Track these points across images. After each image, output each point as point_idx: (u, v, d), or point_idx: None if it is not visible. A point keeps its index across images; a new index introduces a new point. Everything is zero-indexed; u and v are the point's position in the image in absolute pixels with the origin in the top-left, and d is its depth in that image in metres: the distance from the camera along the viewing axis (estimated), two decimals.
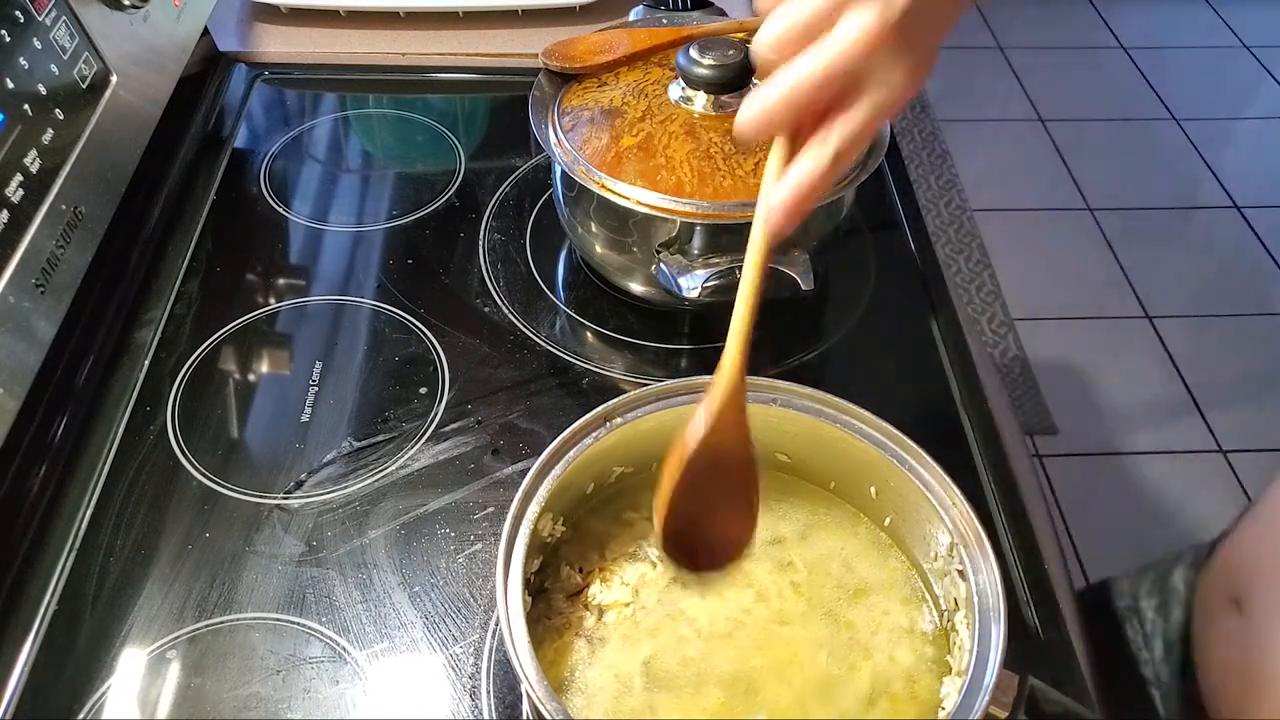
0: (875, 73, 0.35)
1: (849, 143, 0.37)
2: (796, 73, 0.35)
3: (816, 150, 0.37)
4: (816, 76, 0.35)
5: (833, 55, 0.35)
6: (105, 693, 0.50)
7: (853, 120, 0.36)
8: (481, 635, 0.52)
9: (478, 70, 0.90)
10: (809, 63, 0.35)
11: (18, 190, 0.53)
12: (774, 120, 0.37)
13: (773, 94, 0.36)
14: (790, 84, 0.36)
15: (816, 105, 0.36)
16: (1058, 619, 0.54)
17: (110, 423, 0.62)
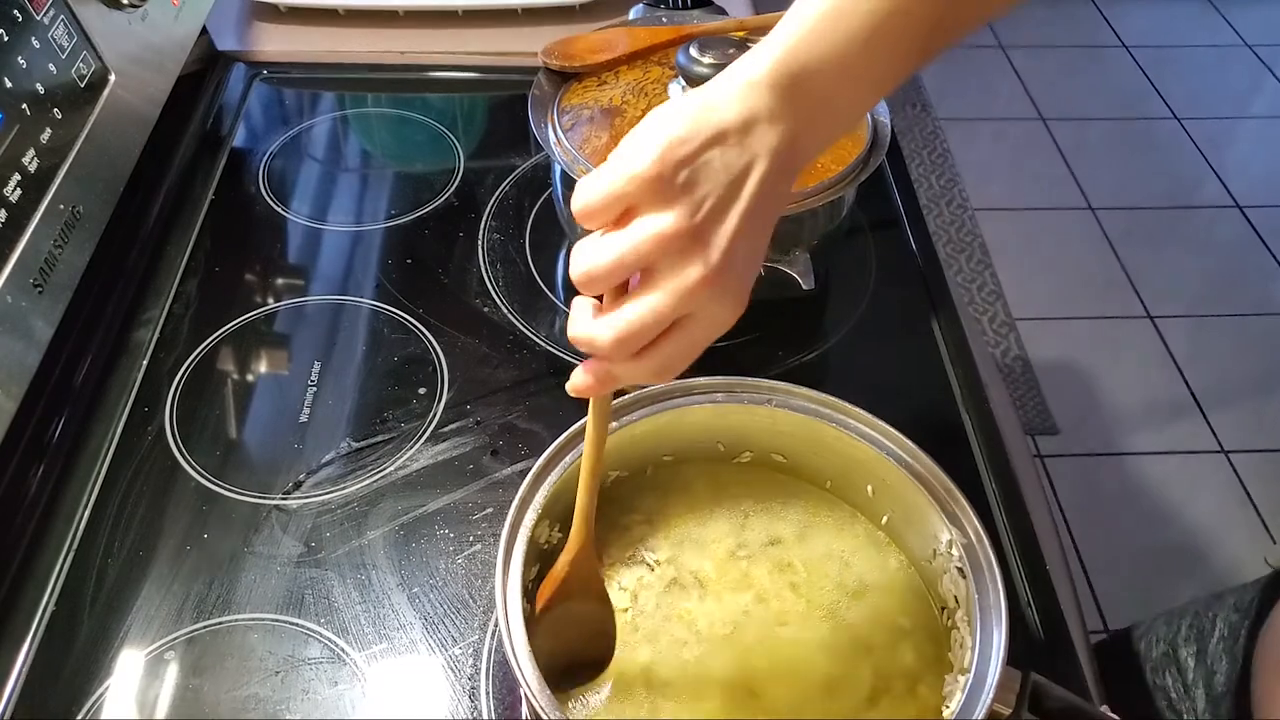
0: (700, 312, 0.37)
1: (658, 369, 0.39)
2: (630, 314, 0.37)
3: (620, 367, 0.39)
4: (642, 321, 0.37)
5: (657, 310, 0.36)
6: (103, 693, 0.50)
7: (666, 350, 0.38)
8: (481, 636, 0.52)
9: (477, 69, 0.90)
10: (638, 309, 0.36)
11: (16, 190, 0.53)
12: (591, 286, 0.38)
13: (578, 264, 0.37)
14: (619, 327, 0.37)
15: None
16: (1058, 616, 0.54)
17: (108, 423, 0.62)
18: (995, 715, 0.40)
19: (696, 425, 0.51)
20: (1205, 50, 2.53)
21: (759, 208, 0.36)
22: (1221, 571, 1.53)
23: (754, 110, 0.36)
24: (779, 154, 0.36)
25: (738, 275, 0.37)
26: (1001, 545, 0.57)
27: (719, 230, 0.36)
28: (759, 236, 0.38)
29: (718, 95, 0.36)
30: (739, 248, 0.36)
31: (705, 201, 0.35)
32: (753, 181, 0.36)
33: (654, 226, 0.35)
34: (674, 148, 0.35)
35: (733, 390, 0.50)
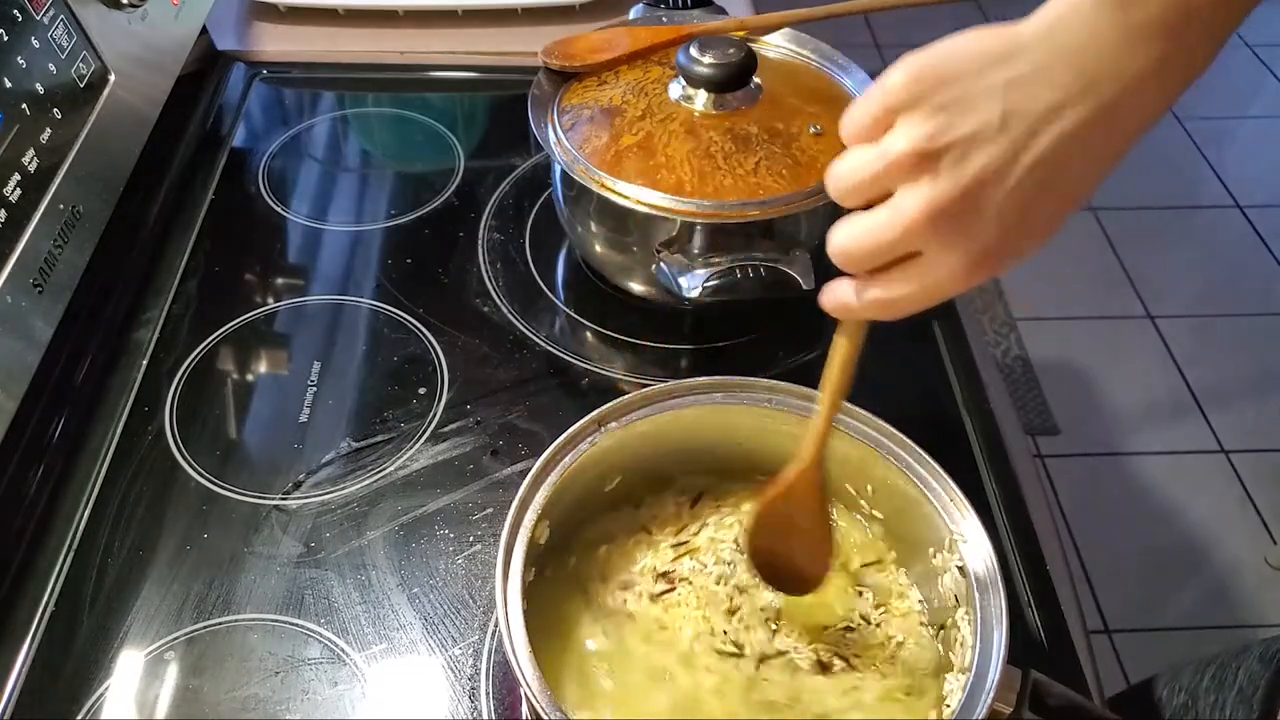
0: (928, 253, 0.33)
1: (880, 305, 0.35)
2: (850, 236, 0.34)
3: (852, 287, 0.36)
4: (864, 248, 0.34)
5: (876, 231, 0.33)
6: (103, 694, 0.50)
7: (894, 288, 0.34)
8: (481, 637, 0.52)
9: (477, 69, 0.90)
10: (859, 230, 0.34)
11: (15, 190, 0.53)
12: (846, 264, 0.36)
13: (832, 257, 0.35)
14: (844, 245, 0.35)
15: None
16: (1059, 615, 0.54)
17: (108, 423, 0.62)
18: (996, 713, 0.40)
19: (696, 425, 0.51)
20: None
21: (1046, 160, 0.30)
22: (1221, 571, 1.53)
23: (1059, 33, 0.30)
24: (1088, 92, 0.29)
25: (983, 229, 0.31)
26: (1002, 544, 0.57)
27: (966, 162, 0.30)
28: (1037, 199, 0.31)
29: (1032, 23, 0.31)
30: (993, 193, 0.30)
31: (963, 126, 0.30)
32: (1045, 132, 0.29)
33: (893, 143, 0.31)
34: (938, 63, 0.31)
35: (732, 390, 0.50)
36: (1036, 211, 0.31)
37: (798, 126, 0.62)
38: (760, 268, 0.60)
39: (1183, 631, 1.45)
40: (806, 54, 0.70)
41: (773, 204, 0.59)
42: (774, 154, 0.60)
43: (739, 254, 0.60)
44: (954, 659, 0.45)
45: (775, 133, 0.62)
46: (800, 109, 0.64)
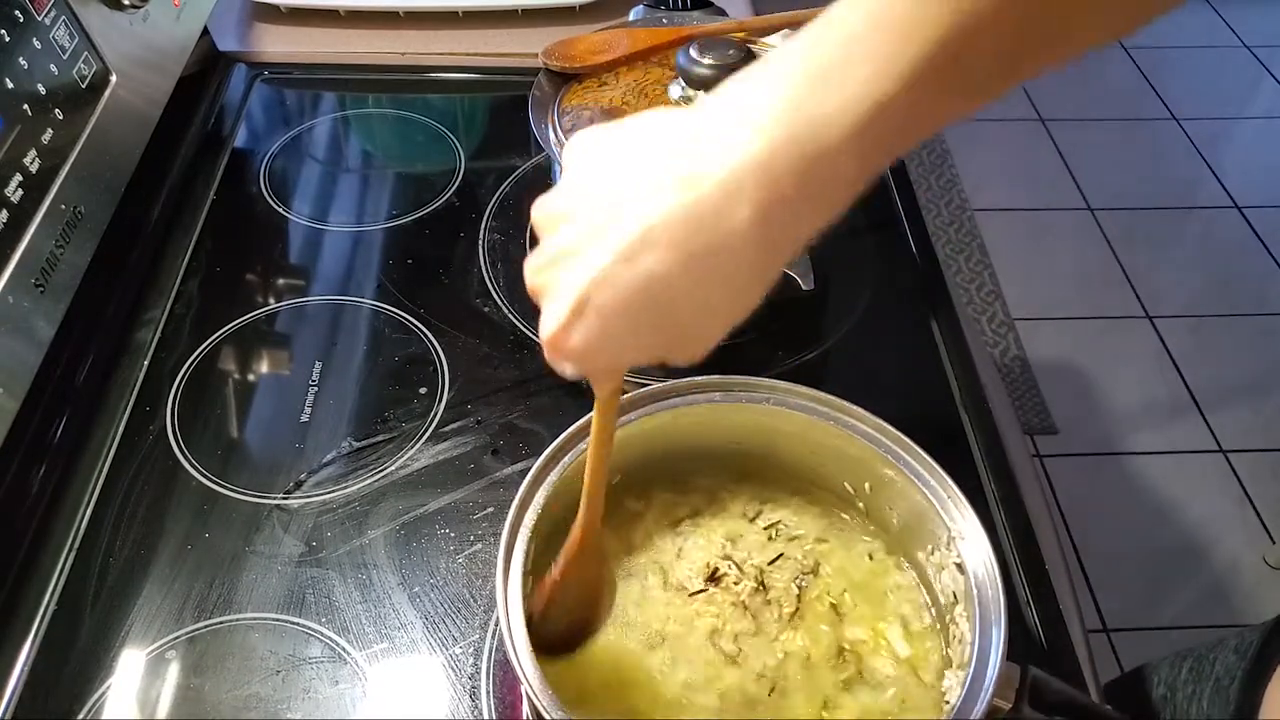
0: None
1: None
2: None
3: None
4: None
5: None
6: (105, 693, 0.50)
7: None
8: (481, 636, 0.52)
9: (478, 70, 0.90)
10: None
11: (17, 190, 0.53)
12: None
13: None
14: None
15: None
16: (1057, 613, 0.55)
17: (110, 423, 0.62)
18: (995, 710, 0.40)
19: (694, 425, 0.51)
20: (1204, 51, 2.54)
21: (647, 280, 0.31)
22: (1219, 571, 1.53)
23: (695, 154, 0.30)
24: (694, 234, 0.30)
25: (571, 290, 0.33)
26: (1000, 543, 0.57)
27: (568, 235, 0.33)
28: (641, 311, 0.32)
29: (674, 123, 0.32)
30: (580, 265, 0.32)
31: (565, 246, 0.33)
32: (647, 254, 0.31)
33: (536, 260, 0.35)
34: (572, 181, 0.34)
35: (731, 389, 0.50)
36: (621, 300, 0.32)
37: None
38: None
39: (1181, 630, 1.46)
40: None
41: None
42: None
43: None
44: (952, 656, 0.45)
45: None
46: None
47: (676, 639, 0.47)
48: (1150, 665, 0.66)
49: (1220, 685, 0.58)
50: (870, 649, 0.47)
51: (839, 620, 0.48)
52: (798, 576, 0.49)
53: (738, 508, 0.52)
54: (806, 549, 0.50)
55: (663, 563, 0.50)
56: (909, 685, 0.46)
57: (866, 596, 0.49)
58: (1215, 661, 0.60)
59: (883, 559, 0.50)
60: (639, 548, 0.50)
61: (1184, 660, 0.63)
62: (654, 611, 0.48)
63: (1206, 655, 0.61)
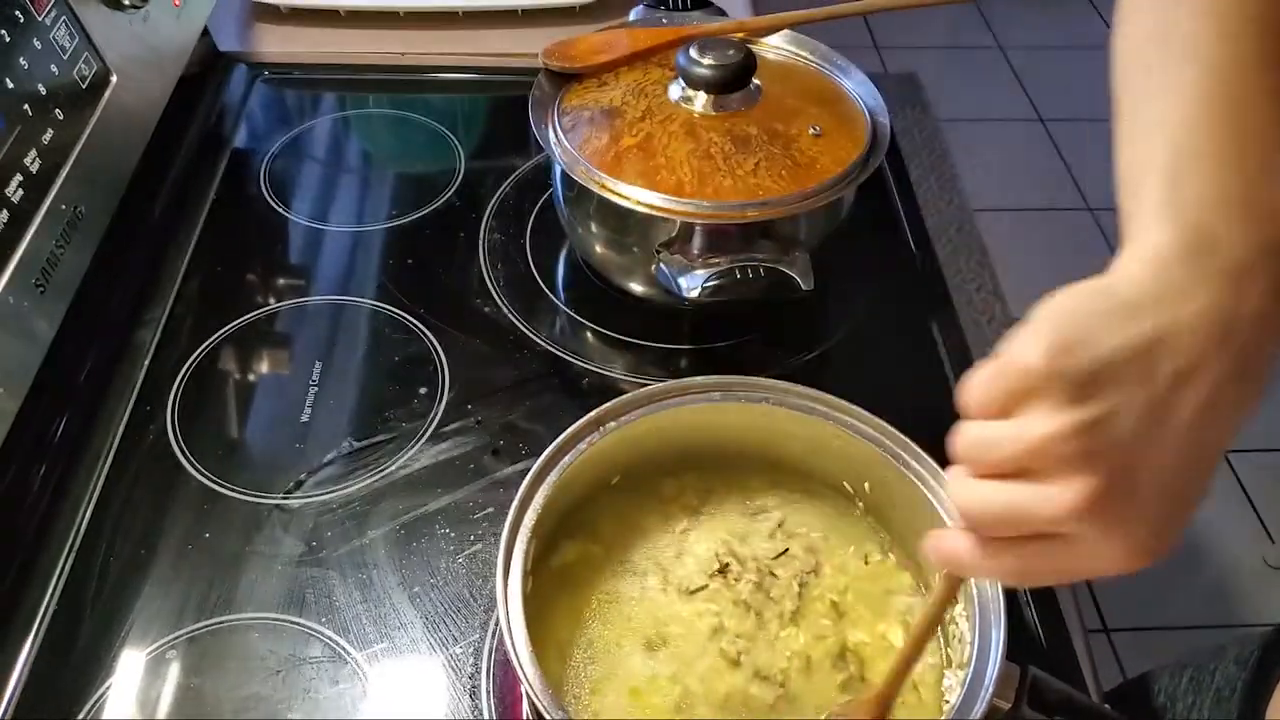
0: (1080, 538, 0.29)
1: (1010, 575, 0.32)
2: (986, 499, 0.31)
3: (981, 548, 0.32)
4: (1002, 519, 0.30)
5: (1022, 504, 0.29)
6: (105, 693, 0.50)
7: (1031, 563, 0.31)
8: (481, 635, 0.52)
9: (478, 70, 0.90)
10: (1001, 496, 0.30)
11: (18, 190, 0.53)
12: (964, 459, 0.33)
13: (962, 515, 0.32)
14: (975, 506, 0.31)
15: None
16: (1057, 613, 0.54)
17: (110, 423, 0.62)
18: (995, 710, 0.40)
19: (694, 424, 0.51)
20: None
21: (1194, 423, 0.28)
22: (1220, 571, 1.53)
23: (1169, 293, 0.28)
24: (1222, 346, 0.28)
25: (1143, 511, 0.29)
26: None
27: (1116, 442, 0.28)
28: (1191, 465, 0.29)
29: (1127, 278, 0.30)
30: (1150, 467, 0.28)
31: (1109, 412, 0.28)
32: (1186, 394, 0.28)
33: (1037, 426, 0.29)
34: (1069, 343, 0.29)
35: (730, 389, 0.50)
36: (1192, 478, 0.29)
37: (797, 128, 0.63)
38: (760, 268, 0.60)
39: (1181, 631, 1.46)
40: (806, 55, 0.71)
41: (772, 205, 0.59)
42: (773, 155, 0.61)
43: (739, 254, 0.61)
44: (952, 655, 0.45)
45: (775, 134, 0.62)
46: (800, 110, 0.64)
47: (677, 640, 0.47)
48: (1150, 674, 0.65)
49: (1221, 696, 0.57)
50: (870, 649, 0.47)
51: (839, 620, 0.48)
52: (798, 575, 0.49)
53: (738, 507, 0.52)
54: (807, 548, 0.50)
55: (663, 563, 0.50)
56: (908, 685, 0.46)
57: (866, 596, 0.49)
58: (1215, 672, 0.59)
59: (883, 559, 0.50)
60: (639, 548, 0.51)
61: (1184, 670, 0.62)
62: (655, 612, 0.48)
63: (1206, 665, 0.60)
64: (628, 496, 0.52)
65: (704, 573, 0.49)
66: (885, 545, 0.51)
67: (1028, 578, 0.32)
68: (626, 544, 0.51)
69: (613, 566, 0.50)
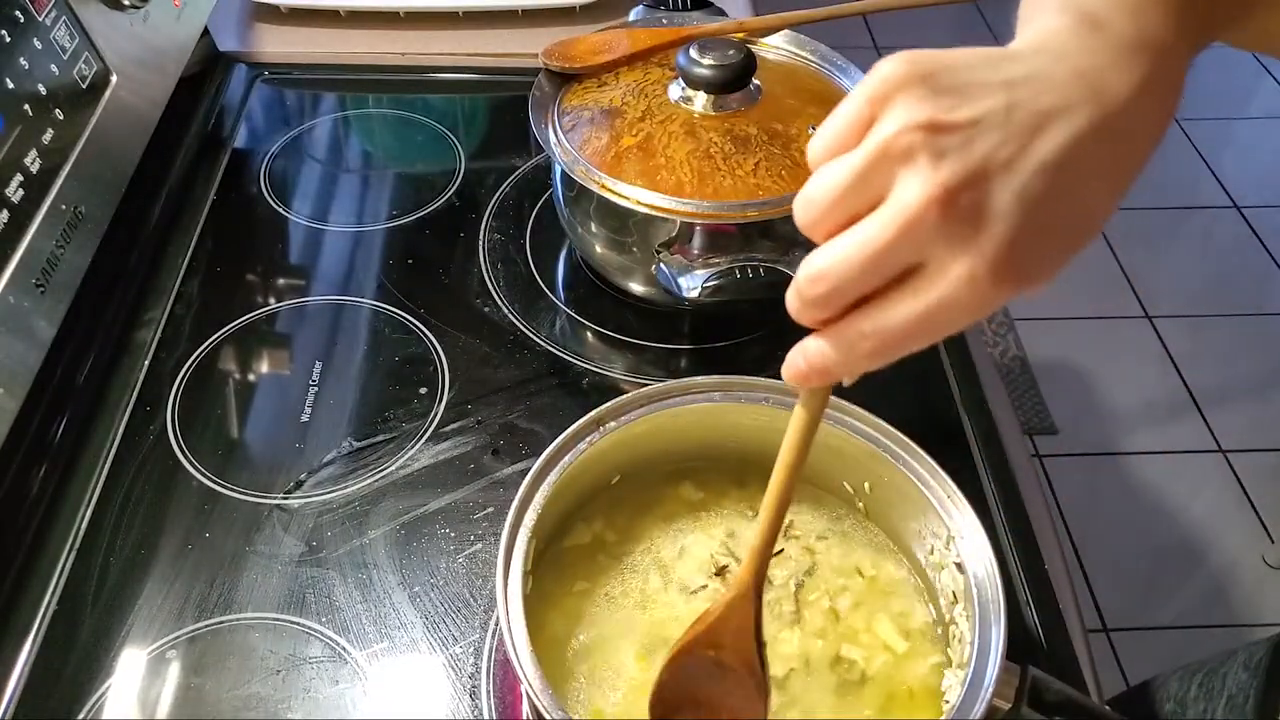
0: (935, 258, 0.27)
1: (877, 342, 0.29)
2: (834, 255, 0.28)
3: (831, 338, 0.29)
4: (854, 263, 0.28)
5: (870, 237, 0.27)
6: (105, 693, 0.50)
7: (893, 311, 0.28)
8: (481, 635, 0.52)
9: (478, 70, 0.90)
10: (846, 244, 0.28)
11: (18, 190, 0.53)
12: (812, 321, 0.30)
13: (804, 294, 0.29)
14: (826, 268, 0.28)
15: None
16: (1056, 613, 0.55)
17: (110, 423, 0.62)
18: (995, 710, 0.40)
19: (694, 424, 0.51)
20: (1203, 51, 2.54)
21: (1057, 163, 0.27)
22: (1219, 570, 1.53)
23: (1048, 49, 0.28)
24: (1090, 103, 0.27)
25: (997, 227, 0.27)
26: (1000, 543, 0.57)
27: (972, 145, 0.27)
28: (1054, 200, 0.27)
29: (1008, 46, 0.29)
30: (1004, 183, 0.27)
31: (965, 110, 0.27)
32: (1049, 132, 0.27)
33: (889, 122, 0.27)
34: (933, 54, 0.28)
35: (730, 389, 0.50)
36: (1052, 217, 0.28)
37: (797, 128, 0.63)
38: (760, 268, 0.60)
39: (1180, 630, 1.46)
40: (806, 55, 0.71)
41: (772, 204, 0.59)
42: (773, 155, 0.61)
43: (739, 254, 0.61)
44: (952, 655, 0.45)
45: (774, 134, 0.62)
46: (799, 110, 0.64)
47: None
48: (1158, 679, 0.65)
49: (1235, 703, 0.57)
50: (869, 648, 0.47)
51: (838, 620, 0.48)
52: (796, 575, 0.49)
53: (737, 507, 0.52)
54: (805, 549, 0.50)
55: (663, 563, 0.50)
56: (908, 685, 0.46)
57: (866, 596, 0.49)
58: (1225, 677, 0.59)
59: (882, 558, 0.50)
60: (637, 548, 0.51)
61: (1193, 676, 0.62)
62: (655, 613, 0.48)
63: (1216, 670, 0.60)
64: (627, 496, 0.52)
65: (704, 573, 0.49)
66: (884, 546, 0.51)
67: (895, 337, 0.28)
68: (626, 544, 0.51)
69: (613, 566, 0.50)
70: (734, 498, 0.53)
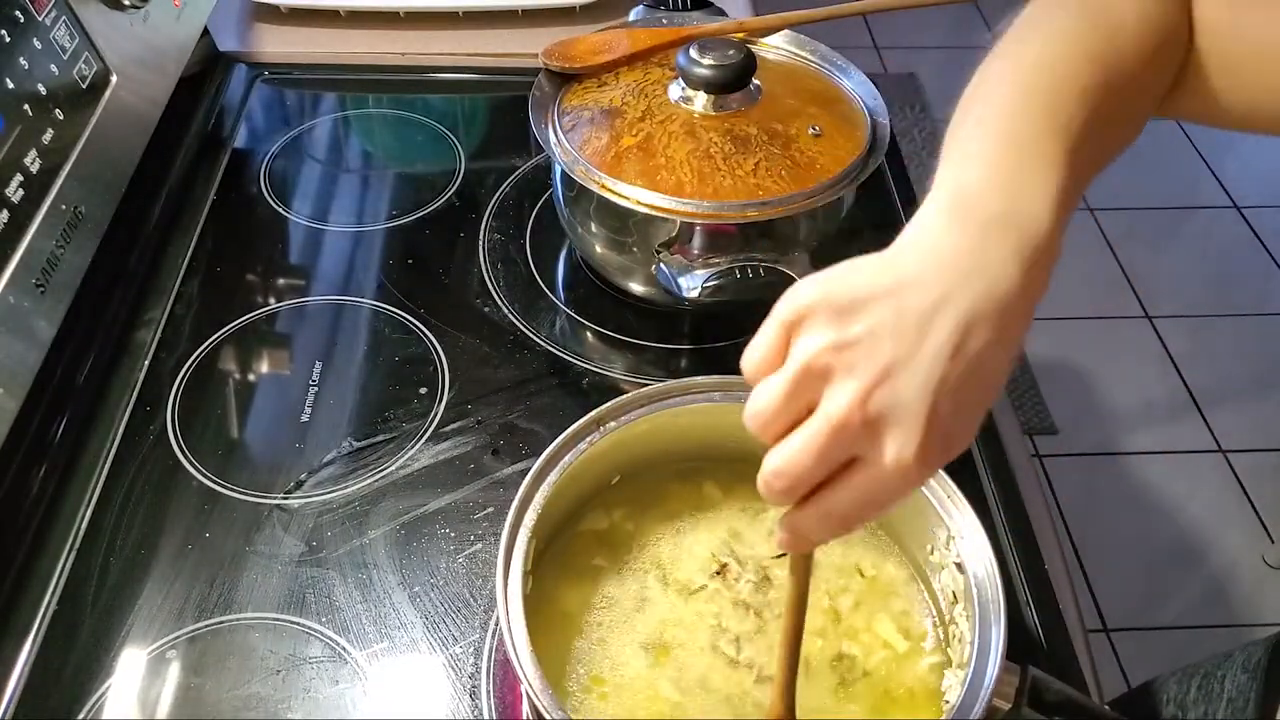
0: (866, 451, 0.32)
1: (831, 521, 0.34)
2: (782, 457, 0.33)
3: (799, 517, 0.35)
4: (799, 462, 0.33)
5: (807, 441, 0.32)
6: (105, 693, 0.50)
7: (837, 496, 0.33)
8: (481, 635, 0.52)
9: (478, 70, 0.90)
10: (790, 447, 0.33)
11: (18, 190, 0.53)
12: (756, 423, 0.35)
13: (770, 487, 0.34)
14: (778, 468, 0.33)
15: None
16: (1056, 613, 0.55)
17: (110, 423, 0.62)
18: (995, 710, 0.40)
19: (694, 424, 0.51)
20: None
21: (947, 351, 0.31)
22: (1219, 570, 1.53)
23: (924, 242, 0.32)
24: (965, 285, 0.32)
25: (908, 413, 0.31)
26: (1000, 543, 0.57)
27: (876, 353, 0.31)
28: (953, 387, 0.31)
29: (899, 241, 0.34)
30: (909, 379, 0.31)
31: (862, 323, 0.31)
32: (937, 323, 0.31)
33: (806, 344, 0.32)
34: (824, 283, 0.33)
35: (730, 389, 0.50)
36: (958, 394, 0.32)
37: (797, 128, 0.63)
38: (760, 268, 0.60)
39: (1180, 631, 1.46)
40: (806, 55, 0.71)
41: (772, 205, 0.59)
42: (773, 155, 0.61)
43: (738, 254, 0.61)
44: (952, 655, 0.45)
45: (774, 134, 0.62)
46: (799, 110, 0.64)
47: (677, 640, 0.47)
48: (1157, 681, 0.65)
49: (1235, 706, 0.57)
50: (869, 649, 0.47)
51: (838, 620, 0.48)
52: None
53: (737, 507, 0.52)
54: None
55: (662, 563, 0.50)
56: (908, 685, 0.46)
57: (866, 596, 0.49)
58: (1224, 680, 0.59)
59: (882, 558, 0.50)
60: (638, 548, 0.51)
61: (1191, 678, 0.62)
62: (654, 614, 0.48)
63: (1214, 673, 0.60)
64: (627, 496, 0.52)
65: (704, 573, 0.49)
66: (884, 546, 0.51)
67: (843, 516, 0.34)
68: (626, 544, 0.51)
69: (612, 566, 0.50)
70: (734, 498, 0.53)
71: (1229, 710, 0.58)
